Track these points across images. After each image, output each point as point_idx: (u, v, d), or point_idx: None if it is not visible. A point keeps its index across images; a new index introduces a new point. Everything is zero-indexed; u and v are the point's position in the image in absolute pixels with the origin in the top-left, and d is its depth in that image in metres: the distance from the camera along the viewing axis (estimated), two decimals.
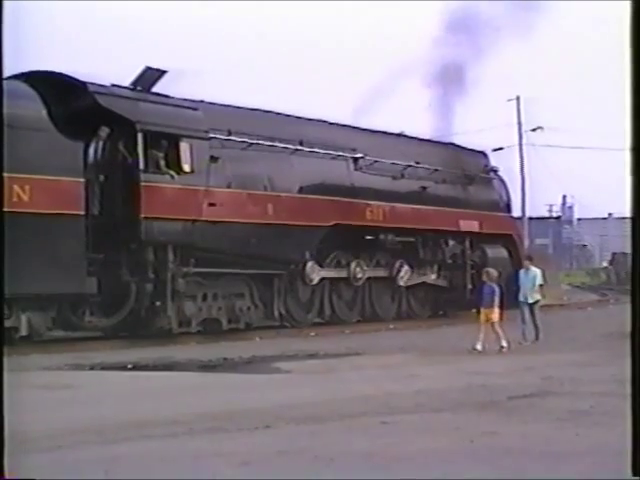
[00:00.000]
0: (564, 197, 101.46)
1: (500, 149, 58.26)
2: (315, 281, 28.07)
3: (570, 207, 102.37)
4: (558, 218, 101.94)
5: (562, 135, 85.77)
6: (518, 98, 59.68)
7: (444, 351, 19.95)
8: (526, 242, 63.56)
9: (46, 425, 11.38)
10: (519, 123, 59.45)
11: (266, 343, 23.60)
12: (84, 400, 14.06)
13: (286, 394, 14.55)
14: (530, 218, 63.56)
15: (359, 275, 29.86)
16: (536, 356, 19.64)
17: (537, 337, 23.33)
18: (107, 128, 22.65)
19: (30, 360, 19.20)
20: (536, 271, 24.24)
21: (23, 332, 20.77)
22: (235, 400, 13.86)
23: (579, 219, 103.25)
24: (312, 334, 26.29)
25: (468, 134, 58.54)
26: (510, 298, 26.42)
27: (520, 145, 59.13)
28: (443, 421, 11.63)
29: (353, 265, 29.62)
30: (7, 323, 19.70)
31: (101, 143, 22.88)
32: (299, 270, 27.50)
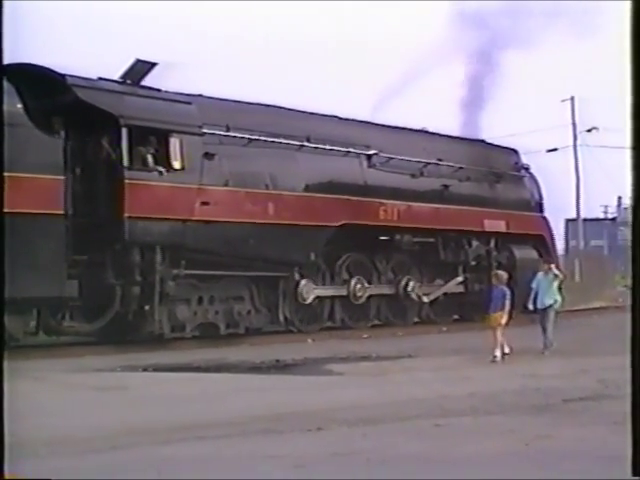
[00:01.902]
0: (619, 198, 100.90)
1: (554, 150, 57.81)
2: (309, 300, 27.30)
3: (626, 208, 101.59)
4: (614, 219, 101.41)
5: (618, 135, 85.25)
6: (572, 98, 59.07)
7: None
8: (581, 244, 63.05)
9: (101, 426, 11.43)
10: (573, 124, 58.96)
11: (318, 345, 23.52)
12: (137, 401, 14.28)
13: (339, 396, 14.84)
14: (585, 219, 63.18)
15: (359, 293, 28.97)
16: (590, 358, 19.62)
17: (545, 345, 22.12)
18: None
19: (84, 362, 19.25)
20: (555, 273, 23.43)
21: None
22: (288, 402, 14.13)
23: None
24: (365, 336, 26.17)
25: (522, 135, 58.24)
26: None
27: (575, 146, 58.71)
28: (497, 424, 11.83)
29: (353, 282, 28.81)
30: None
31: (80, 137, 22.27)
32: (292, 288, 26.94)
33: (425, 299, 30.81)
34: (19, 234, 19.80)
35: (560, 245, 68.02)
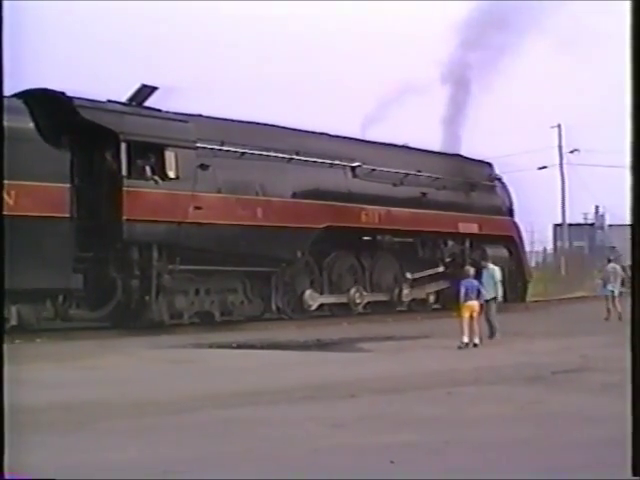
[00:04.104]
0: (597, 207, 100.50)
1: (544, 167, 58.13)
2: (314, 307, 27.23)
3: (602, 215, 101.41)
4: (592, 225, 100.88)
5: (596, 155, 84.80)
6: (559, 125, 59.29)
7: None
8: (566, 244, 62.90)
9: (174, 392, 11.60)
10: (560, 146, 59.20)
11: (351, 327, 23.63)
12: (204, 372, 14.47)
13: (368, 369, 15.26)
14: (569, 224, 63.19)
15: (358, 301, 28.74)
16: (573, 338, 19.64)
17: (492, 334, 20.57)
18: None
19: (161, 340, 19.36)
20: (494, 269, 22.09)
21: (13, 322, 20.18)
22: (326, 374, 14.30)
23: (609, 225, 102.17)
24: (389, 320, 26.07)
25: (517, 155, 58.24)
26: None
27: (560, 164, 58.91)
28: (497, 392, 12.21)
29: (352, 291, 28.54)
30: None
31: (85, 151, 22.11)
32: (298, 296, 26.86)
33: (409, 275, 30.32)
34: (29, 234, 19.40)
35: (549, 245, 67.68)
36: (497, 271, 21.96)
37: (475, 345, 19.22)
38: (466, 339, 19.31)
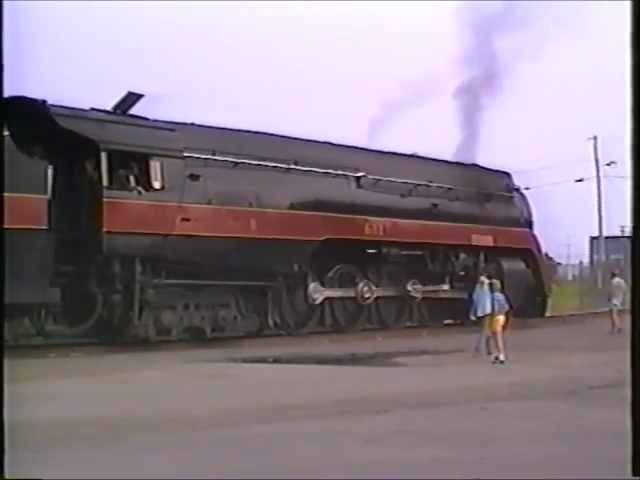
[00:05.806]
0: None
1: (581, 180, 57.86)
2: (318, 301, 26.57)
3: None
4: (630, 237, 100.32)
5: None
6: (595, 137, 58.84)
7: (532, 348, 19.75)
8: (603, 257, 62.72)
9: (208, 407, 11.69)
10: (596, 159, 58.76)
11: (386, 342, 23.54)
12: (237, 387, 14.45)
13: (403, 384, 15.47)
14: (606, 237, 62.68)
15: (367, 295, 27.86)
16: (610, 352, 19.33)
17: (477, 350, 19.97)
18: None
19: (195, 354, 19.42)
20: (489, 283, 21.45)
21: None
22: (361, 388, 14.25)
23: None
24: (424, 334, 25.96)
25: (552, 168, 58.39)
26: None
27: (598, 177, 58.62)
28: (534, 407, 12.25)
29: (361, 285, 27.76)
30: None
31: (64, 161, 21.56)
32: (302, 289, 26.31)
33: (409, 287, 28.93)
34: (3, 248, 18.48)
35: (585, 258, 67.34)
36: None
37: (502, 361, 18.87)
38: (502, 356, 19.03)
